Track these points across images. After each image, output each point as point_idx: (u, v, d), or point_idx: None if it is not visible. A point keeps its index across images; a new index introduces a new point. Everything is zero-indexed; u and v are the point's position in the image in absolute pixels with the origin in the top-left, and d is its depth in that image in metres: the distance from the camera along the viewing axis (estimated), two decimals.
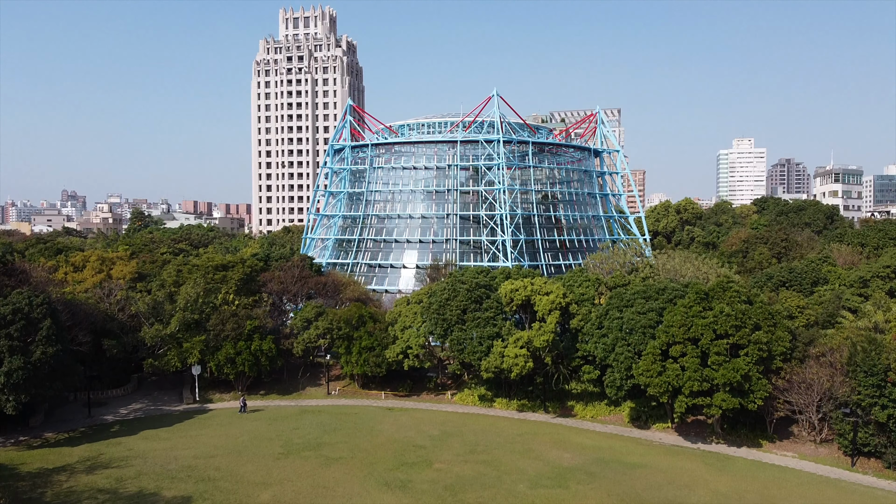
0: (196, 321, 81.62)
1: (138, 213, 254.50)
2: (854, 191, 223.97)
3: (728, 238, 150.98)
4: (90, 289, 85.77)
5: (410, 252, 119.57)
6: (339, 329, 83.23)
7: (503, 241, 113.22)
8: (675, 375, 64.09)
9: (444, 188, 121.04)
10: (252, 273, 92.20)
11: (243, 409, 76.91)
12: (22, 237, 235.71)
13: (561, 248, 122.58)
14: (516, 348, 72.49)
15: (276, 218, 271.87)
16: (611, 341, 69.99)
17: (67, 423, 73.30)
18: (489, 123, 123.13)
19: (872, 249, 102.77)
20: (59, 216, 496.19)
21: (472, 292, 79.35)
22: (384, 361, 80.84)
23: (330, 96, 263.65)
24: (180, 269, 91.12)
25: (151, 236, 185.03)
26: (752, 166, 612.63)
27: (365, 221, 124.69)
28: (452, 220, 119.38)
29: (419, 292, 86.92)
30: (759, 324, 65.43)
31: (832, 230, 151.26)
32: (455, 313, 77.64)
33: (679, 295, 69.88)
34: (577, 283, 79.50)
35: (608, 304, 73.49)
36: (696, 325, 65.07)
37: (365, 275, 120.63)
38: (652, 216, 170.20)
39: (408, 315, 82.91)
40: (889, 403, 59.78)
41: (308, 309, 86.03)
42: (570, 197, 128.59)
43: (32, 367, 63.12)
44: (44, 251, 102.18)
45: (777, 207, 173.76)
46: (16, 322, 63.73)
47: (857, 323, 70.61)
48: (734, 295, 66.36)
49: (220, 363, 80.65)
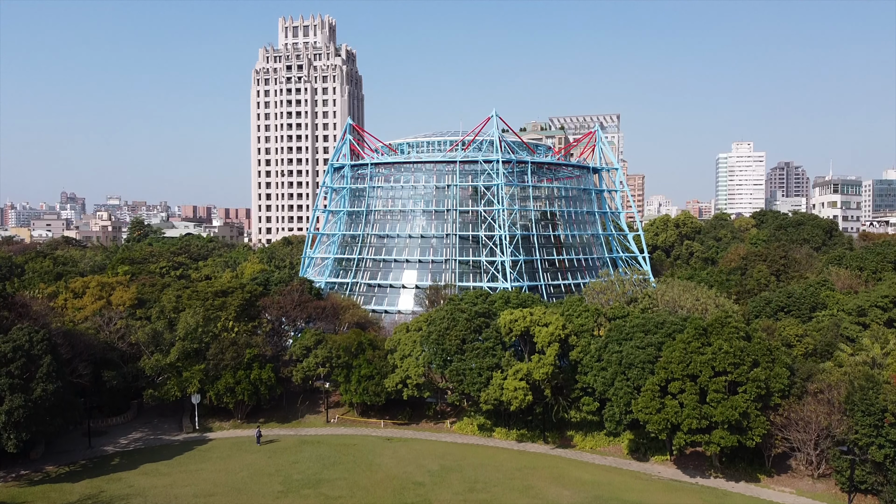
0: (195, 350, 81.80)
1: (137, 223, 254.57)
2: (853, 201, 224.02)
3: (727, 254, 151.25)
4: (90, 316, 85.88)
5: (410, 272, 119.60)
6: (339, 357, 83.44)
7: (502, 262, 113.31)
8: (673, 412, 64.31)
9: (444, 208, 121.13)
10: (251, 298, 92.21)
11: (259, 441, 76.70)
12: (21, 246, 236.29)
13: (560, 268, 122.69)
14: (516, 381, 72.72)
15: (275, 226, 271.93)
16: (610, 375, 70.21)
17: (68, 454, 73.46)
18: (488, 142, 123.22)
19: (871, 273, 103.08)
20: (59, 220, 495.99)
21: (472, 321, 79.57)
22: (383, 391, 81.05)
23: (329, 105, 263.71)
24: (180, 295, 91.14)
25: (151, 249, 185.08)
26: (751, 170, 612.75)
27: (364, 240, 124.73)
28: (452, 240, 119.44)
29: (418, 319, 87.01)
30: (758, 360, 65.69)
31: (831, 246, 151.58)
32: (454, 343, 77.82)
33: (678, 329, 70.08)
34: (576, 314, 79.68)
35: (607, 336, 73.71)
36: (694, 361, 65.33)
37: (364, 294, 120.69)
38: (651, 230, 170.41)
39: (407, 343, 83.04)
40: (886, 443, 60.06)
41: (307, 336, 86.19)
42: (569, 216, 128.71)
43: (33, 404, 63.31)
44: (43, 276, 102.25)
45: (776, 221, 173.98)
46: (16, 360, 63.92)
47: (854, 357, 70.79)
48: (732, 331, 66.51)
49: (220, 392, 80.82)
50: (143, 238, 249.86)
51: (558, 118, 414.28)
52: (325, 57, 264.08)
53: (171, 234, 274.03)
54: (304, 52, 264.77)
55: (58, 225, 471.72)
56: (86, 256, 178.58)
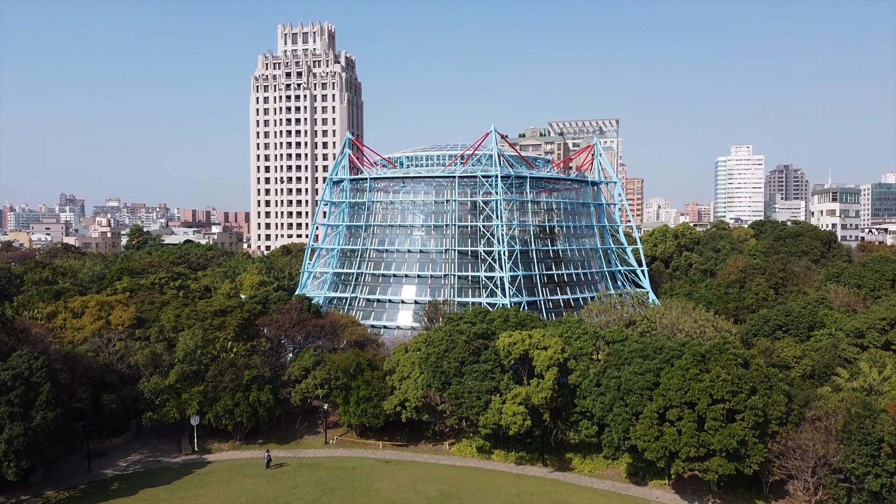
0: (194, 371, 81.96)
1: (137, 230, 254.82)
2: (852, 209, 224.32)
3: (725, 266, 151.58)
4: (89, 337, 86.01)
5: (409, 287, 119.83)
6: (337, 379, 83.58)
7: (501, 278, 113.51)
8: (672, 440, 64.51)
9: (443, 223, 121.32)
10: (250, 317, 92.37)
11: (268, 465, 76.54)
12: (20, 253, 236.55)
13: (559, 283, 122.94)
14: (514, 405, 72.87)
15: (274, 233, 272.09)
16: (609, 400, 70.37)
17: (68, 478, 73.51)
18: (487, 156, 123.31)
19: (869, 291, 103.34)
20: (58, 224, 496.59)
21: (471, 343, 79.68)
22: (382, 413, 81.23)
23: (329, 112, 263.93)
24: (179, 314, 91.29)
25: (150, 258, 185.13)
26: (750, 173, 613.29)
27: (363, 255, 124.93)
28: (451, 255, 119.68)
29: (417, 339, 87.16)
30: (756, 387, 65.86)
31: (829, 258, 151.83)
32: (453, 365, 77.93)
33: (676, 355, 70.22)
34: (574, 336, 79.88)
35: (606, 360, 73.88)
36: (693, 388, 65.50)
37: (363, 309, 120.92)
38: (650, 241, 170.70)
39: (406, 365, 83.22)
40: (882, 473, 60.38)
41: (306, 357, 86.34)
42: (567, 230, 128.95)
43: (33, 432, 63.48)
44: (42, 294, 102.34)
45: (774, 232, 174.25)
46: (16, 387, 64.05)
47: (852, 383, 71.02)
48: (730, 358, 66.65)
49: (219, 414, 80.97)
50: (142, 245, 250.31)
51: (557, 122, 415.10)
52: (325, 64, 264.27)
53: (171, 241, 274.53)
54: (304, 59, 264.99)
55: (57, 229, 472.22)
56: (85, 266, 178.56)
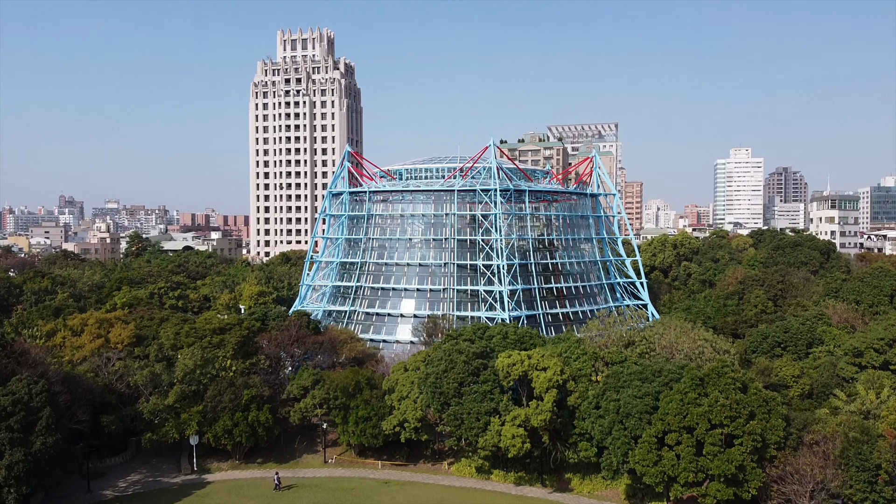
0: (193, 392, 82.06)
1: (136, 237, 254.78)
2: (851, 216, 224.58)
3: (724, 277, 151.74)
4: (88, 357, 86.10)
5: (408, 301, 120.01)
6: (336, 398, 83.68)
7: (500, 292, 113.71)
8: (670, 465, 64.69)
9: (442, 236, 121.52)
10: (249, 335, 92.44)
11: (278, 487, 76.35)
12: (19, 260, 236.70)
13: (558, 296, 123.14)
14: (514, 427, 72.97)
15: (274, 239, 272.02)
16: (608, 423, 70.51)
17: (68, 499, 73.59)
18: (486, 168, 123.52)
19: (867, 307, 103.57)
20: (57, 228, 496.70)
21: (470, 363, 79.70)
22: (381, 433, 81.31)
23: (328, 119, 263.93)
24: (178, 332, 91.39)
25: (149, 267, 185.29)
26: (749, 176, 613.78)
27: (363, 268, 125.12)
28: (450, 269, 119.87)
29: (416, 358, 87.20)
30: (754, 412, 66.03)
31: (828, 269, 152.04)
32: (452, 386, 77.99)
33: (675, 378, 70.32)
34: (573, 356, 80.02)
35: (605, 383, 74.00)
36: (691, 413, 65.69)
37: (362, 323, 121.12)
38: (648, 250, 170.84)
39: (405, 384, 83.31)
40: (880, 499, 60.56)
41: (305, 376, 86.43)
42: (566, 243, 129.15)
43: (33, 458, 63.58)
44: (42, 312, 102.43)
45: (773, 241, 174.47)
46: (16, 413, 64.16)
47: (849, 406, 71.19)
48: (729, 382, 66.77)
49: (218, 434, 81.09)
50: (141, 252, 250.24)
51: (556, 127, 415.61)
52: (324, 70, 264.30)
53: (170, 247, 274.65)
54: (303, 66, 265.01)
55: (56, 233, 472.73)
56: (84, 276, 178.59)
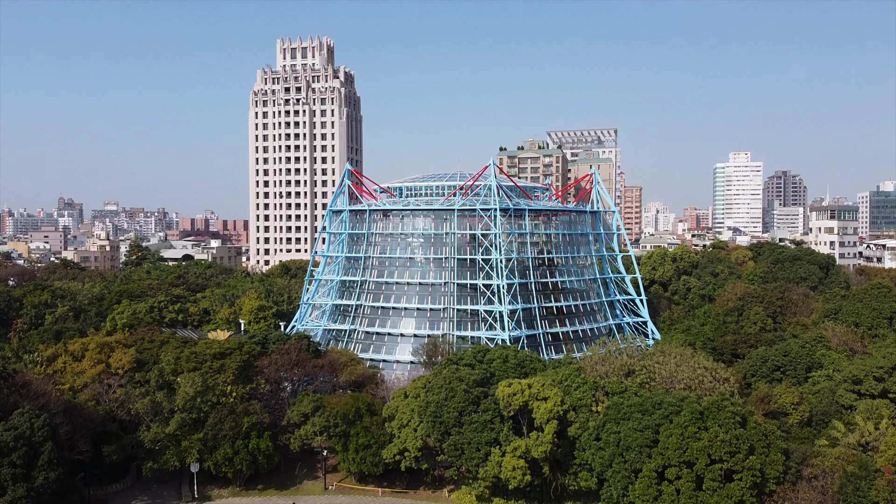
0: (194, 419, 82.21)
1: (135, 246, 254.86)
2: (850, 227, 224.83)
3: (724, 292, 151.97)
4: (89, 383, 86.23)
5: (408, 320, 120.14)
6: (336, 426, 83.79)
7: (500, 313, 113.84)
8: (670, 500, 64.95)
9: (442, 255, 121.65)
10: (249, 359, 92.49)
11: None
12: (18, 269, 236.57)
13: (558, 315, 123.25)
14: (514, 458, 73.16)
15: (273, 247, 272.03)
16: (608, 456, 70.77)
17: None
18: (486, 187, 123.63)
19: (866, 330, 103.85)
20: (56, 232, 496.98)
21: (470, 392, 79.90)
22: (381, 461, 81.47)
23: (328, 127, 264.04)
24: (179, 357, 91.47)
25: (149, 279, 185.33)
26: (748, 180, 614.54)
27: (363, 287, 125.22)
28: (450, 288, 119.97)
29: (416, 384, 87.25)
30: (754, 446, 66.33)
31: (828, 285, 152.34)
32: (452, 415, 78.14)
33: (675, 411, 70.49)
34: (574, 385, 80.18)
35: (605, 415, 74.22)
36: (691, 448, 65.99)
37: (362, 342, 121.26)
38: (648, 264, 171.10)
39: (405, 412, 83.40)
40: None
41: (305, 403, 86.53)
42: (566, 261, 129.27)
43: (35, 493, 63.75)
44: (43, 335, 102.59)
45: (772, 255, 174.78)
46: (18, 448, 64.32)
47: (848, 438, 71.40)
48: (728, 416, 66.99)
49: (219, 462, 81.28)
50: (141, 261, 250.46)
51: (556, 132, 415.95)
52: (324, 79, 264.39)
53: (170, 255, 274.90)
54: (303, 75, 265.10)
55: (55, 237, 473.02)
56: (84, 289, 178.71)
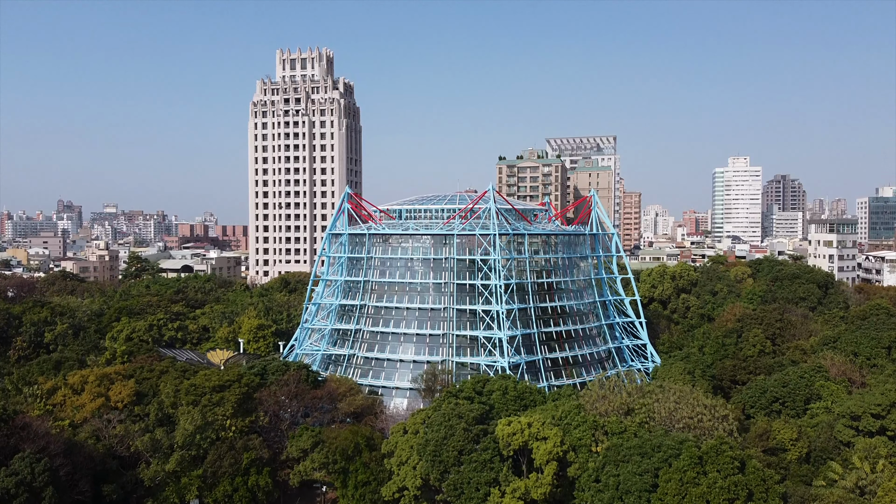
0: (193, 456, 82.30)
1: (135, 258, 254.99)
2: (849, 240, 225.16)
3: (723, 312, 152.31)
4: (89, 418, 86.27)
5: (407, 345, 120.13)
6: (335, 462, 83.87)
7: (500, 339, 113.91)
8: None
9: (441, 280, 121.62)
10: (249, 391, 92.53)
11: None
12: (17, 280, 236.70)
13: (557, 339, 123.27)
14: (514, 500, 73.18)
15: (273, 258, 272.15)
16: (607, 499, 70.79)
17: None
18: (485, 210, 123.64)
19: (865, 360, 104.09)
20: (56, 238, 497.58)
21: (469, 430, 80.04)
22: (380, 499, 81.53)
23: (328, 139, 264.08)
24: (178, 389, 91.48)
25: (148, 293, 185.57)
26: (747, 184, 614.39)
27: (362, 311, 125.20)
28: (449, 314, 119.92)
29: (415, 419, 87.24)
30: (753, 491, 66.43)
31: (826, 305, 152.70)
32: (452, 454, 78.26)
33: (674, 454, 70.58)
34: (574, 424, 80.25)
35: (605, 456, 74.29)
36: (690, 493, 66.05)
37: (362, 367, 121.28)
38: (648, 281, 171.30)
39: (404, 448, 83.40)
40: None
41: (304, 438, 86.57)
42: (566, 284, 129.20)
43: None
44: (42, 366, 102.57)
45: (771, 272, 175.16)
46: (19, 495, 64.53)
47: (845, 482, 71.57)
48: (727, 461, 67.13)
49: (218, 499, 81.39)
50: (140, 272, 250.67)
51: (555, 139, 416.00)
52: (323, 90, 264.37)
53: (169, 265, 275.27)
54: (302, 85, 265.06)
55: (55, 243, 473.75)
56: (83, 304, 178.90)
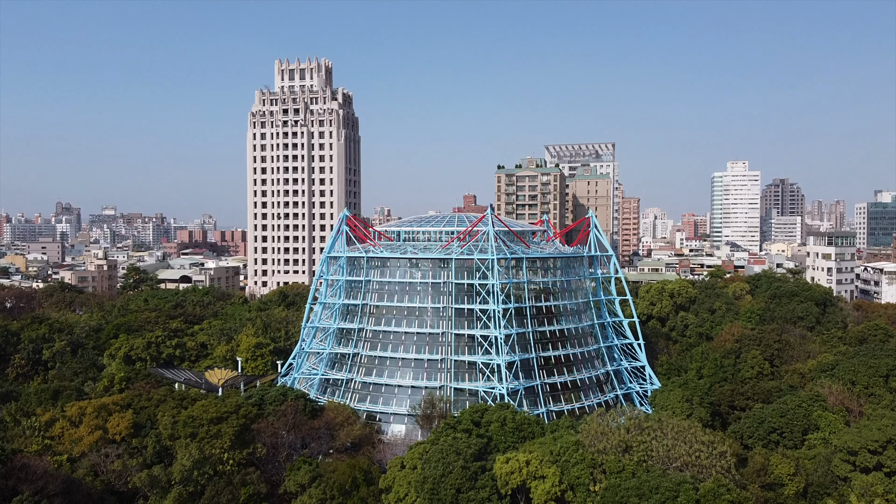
0: (191, 492, 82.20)
1: (133, 269, 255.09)
2: (847, 253, 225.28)
3: (721, 331, 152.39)
4: (87, 452, 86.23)
5: (405, 370, 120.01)
6: (333, 498, 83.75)
7: (498, 365, 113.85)
8: None
9: (440, 304, 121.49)
10: (247, 423, 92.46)
11: None
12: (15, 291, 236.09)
13: (556, 364, 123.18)
14: None
15: (271, 268, 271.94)
16: None
17: None
18: (484, 233, 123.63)
19: (863, 389, 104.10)
20: (54, 243, 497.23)
21: (468, 468, 79.98)
22: None
23: (326, 149, 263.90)
24: (175, 421, 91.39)
25: (147, 308, 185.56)
26: (746, 189, 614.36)
27: (360, 335, 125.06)
28: (447, 338, 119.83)
29: (413, 454, 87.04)
30: None
31: (825, 325, 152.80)
32: (450, 493, 78.21)
33: (671, 496, 70.59)
34: (572, 461, 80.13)
35: (603, 497, 74.22)
36: None
37: (360, 392, 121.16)
38: (647, 299, 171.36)
39: (402, 484, 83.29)
40: None
41: (302, 473, 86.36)
42: (564, 308, 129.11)
43: None
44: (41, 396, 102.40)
45: (770, 289, 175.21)
46: None
47: None
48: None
49: None
50: (139, 283, 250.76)
51: (554, 146, 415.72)
52: (322, 101, 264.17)
53: (168, 276, 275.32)
54: (301, 96, 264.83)
55: (53, 248, 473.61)
56: (81, 320, 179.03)
